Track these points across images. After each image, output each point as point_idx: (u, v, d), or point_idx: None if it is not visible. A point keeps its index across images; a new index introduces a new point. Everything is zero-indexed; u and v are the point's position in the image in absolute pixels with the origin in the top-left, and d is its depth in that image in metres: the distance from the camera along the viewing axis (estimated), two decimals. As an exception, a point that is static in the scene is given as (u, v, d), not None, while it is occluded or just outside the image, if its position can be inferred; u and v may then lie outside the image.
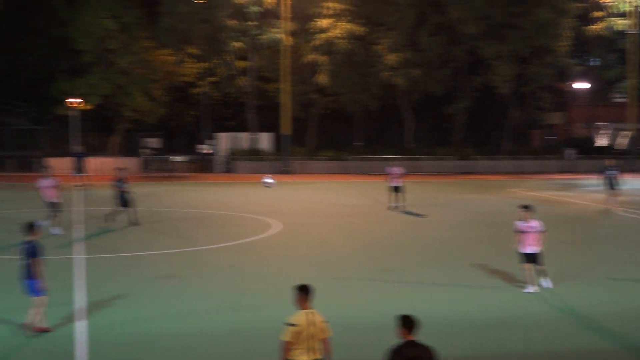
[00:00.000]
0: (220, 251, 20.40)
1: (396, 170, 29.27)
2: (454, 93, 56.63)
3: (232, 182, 44.44)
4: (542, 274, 15.88)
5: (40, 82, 54.54)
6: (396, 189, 28.83)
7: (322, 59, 51.93)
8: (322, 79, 52.72)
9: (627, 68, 56.59)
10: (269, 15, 51.11)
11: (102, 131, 55.73)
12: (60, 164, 43.45)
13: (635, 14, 54.74)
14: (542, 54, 54.68)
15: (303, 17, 51.56)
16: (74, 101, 47.56)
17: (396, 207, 28.75)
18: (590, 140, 62.42)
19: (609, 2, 55.83)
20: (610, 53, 63.74)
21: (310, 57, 51.93)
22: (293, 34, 50.93)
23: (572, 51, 58.27)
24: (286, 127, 49.46)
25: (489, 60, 52.70)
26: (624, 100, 60.06)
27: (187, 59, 56.98)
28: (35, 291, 11.53)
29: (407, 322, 7.67)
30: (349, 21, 51.33)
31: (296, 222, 25.83)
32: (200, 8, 50.48)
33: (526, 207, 15.47)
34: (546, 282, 15.67)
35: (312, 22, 51.44)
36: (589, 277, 16.67)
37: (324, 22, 51.11)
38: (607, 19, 56.42)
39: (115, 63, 50.06)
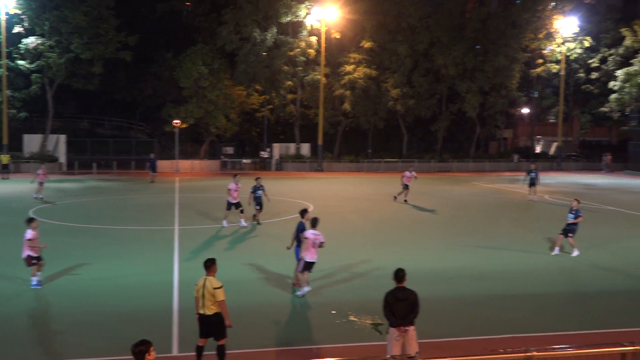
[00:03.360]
0: (272, 224, 22.12)
1: (408, 173, 29.68)
2: (437, 116, 61.62)
3: (281, 177, 46.66)
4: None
5: (155, 108, 61.47)
6: (406, 187, 29.68)
7: (346, 92, 55.89)
8: (346, 106, 56.44)
9: (558, 99, 62.50)
10: (311, 63, 55.55)
11: (195, 142, 60.33)
12: (165, 165, 50.61)
13: (564, 62, 60.29)
14: (499, 88, 59.90)
15: (335, 64, 56.80)
16: (177, 121, 51.36)
17: (405, 201, 29.57)
18: (530, 148, 68.29)
19: (547, 53, 61.28)
20: (546, 88, 67.33)
21: (339, 91, 56.23)
22: (327, 75, 55.85)
23: (520, 86, 62.94)
24: (320, 139, 54.00)
25: (462, 93, 58.04)
26: (555, 121, 65.87)
27: (254, 92, 59.35)
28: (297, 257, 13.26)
29: (398, 274, 8.50)
30: (366, 67, 55.94)
31: (325, 204, 28.35)
32: (264, 58, 53.82)
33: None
34: None
35: (341, 67, 56.18)
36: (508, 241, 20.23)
37: (348, 67, 55.79)
38: (546, 64, 61.55)
39: (205, 96, 53.05)
